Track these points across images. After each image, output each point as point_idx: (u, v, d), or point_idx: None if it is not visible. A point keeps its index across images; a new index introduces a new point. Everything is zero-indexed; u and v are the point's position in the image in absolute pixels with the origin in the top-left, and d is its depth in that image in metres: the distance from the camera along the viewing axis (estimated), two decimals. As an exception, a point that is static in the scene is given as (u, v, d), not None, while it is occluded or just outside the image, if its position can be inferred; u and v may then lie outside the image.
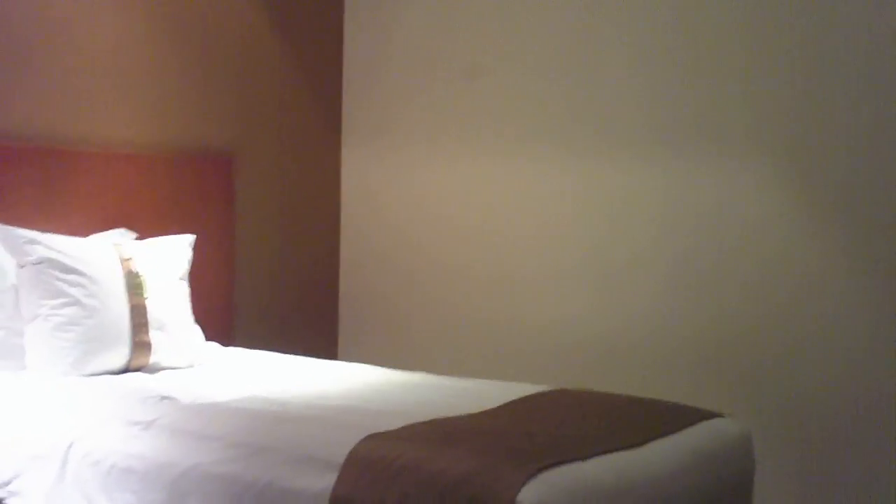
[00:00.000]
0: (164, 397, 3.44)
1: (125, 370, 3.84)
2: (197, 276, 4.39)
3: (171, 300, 4.07)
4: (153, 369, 3.92)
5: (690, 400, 3.79)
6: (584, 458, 2.83)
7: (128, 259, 3.95)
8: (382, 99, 5.42)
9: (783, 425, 4.44)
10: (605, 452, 2.91)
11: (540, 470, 2.67)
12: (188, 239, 4.36)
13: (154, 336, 3.91)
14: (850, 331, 4.32)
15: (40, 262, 3.75)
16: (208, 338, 4.33)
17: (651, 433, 3.15)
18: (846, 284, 4.32)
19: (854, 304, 4.31)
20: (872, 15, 4.23)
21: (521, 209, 5.03)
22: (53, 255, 3.78)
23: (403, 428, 3.00)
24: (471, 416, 3.21)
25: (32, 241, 3.78)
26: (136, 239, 4.26)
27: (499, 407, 3.37)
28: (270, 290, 5.21)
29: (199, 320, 4.26)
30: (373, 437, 2.88)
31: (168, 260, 4.17)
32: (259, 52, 5.12)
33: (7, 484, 3.25)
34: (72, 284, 3.77)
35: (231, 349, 4.43)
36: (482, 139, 5.13)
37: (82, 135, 4.36)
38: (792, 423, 4.44)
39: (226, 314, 4.89)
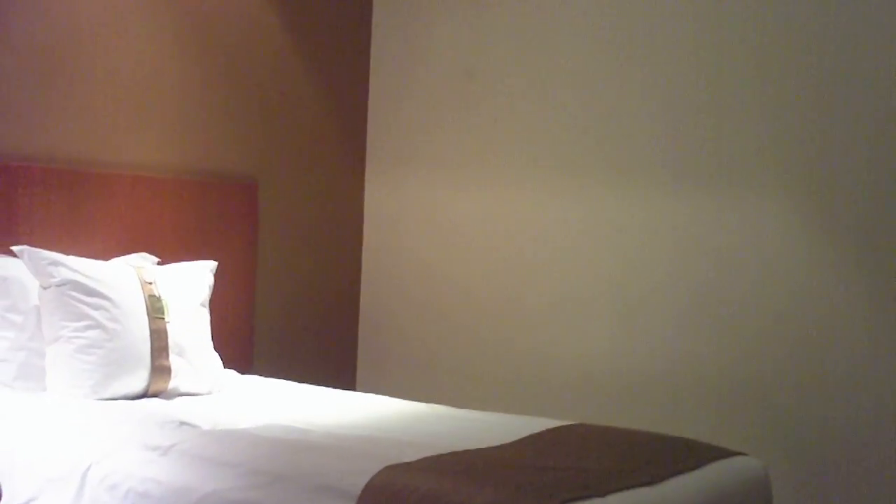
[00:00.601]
0: (182, 423, 3.44)
1: (144, 394, 3.84)
2: (217, 303, 4.39)
3: (192, 326, 4.08)
4: (171, 395, 3.92)
5: (709, 437, 3.78)
6: (602, 493, 2.82)
7: (150, 283, 3.96)
8: (407, 128, 5.44)
9: (802, 464, 4.42)
10: (623, 489, 2.90)
11: (558, 505, 2.67)
12: (210, 265, 4.37)
13: (174, 361, 3.92)
14: (874, 368, 4.29)
15: (63, 283, 3.77)
16: (226, 365, 4.33)
17: (670, 470, 3.13)
18: (869, 321, 4.30)
19: (877, 341, 4.29)
20: (898, 56, 4.25)
21: (543, 242, 5.03)
22: (76, 277, 3.79)
23: (422, 460, 2.99)
24: (490, 449, 3.20)
25: (56, 263, 3.79)
26: (158, 264, 4.27)
27: (518, 440, 3.36)
28: (290, 319, 5.21)
29: (217, 347, 4.26)
30: (391, 469, 2.87)
31: (190, 285, 4.18)
32: (285, 79, 5.14)
33: (24, 506, 3.26)
34: (94, 307, 3.78)
35: (249, 377, 4.43)
36: (506, 170, 5.14)
37: (107, 158, 4.38)
38: (811, 463, 4.41)
39: (245, 341, 4.89)
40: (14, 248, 3.83)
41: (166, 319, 3.94)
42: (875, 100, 4.29)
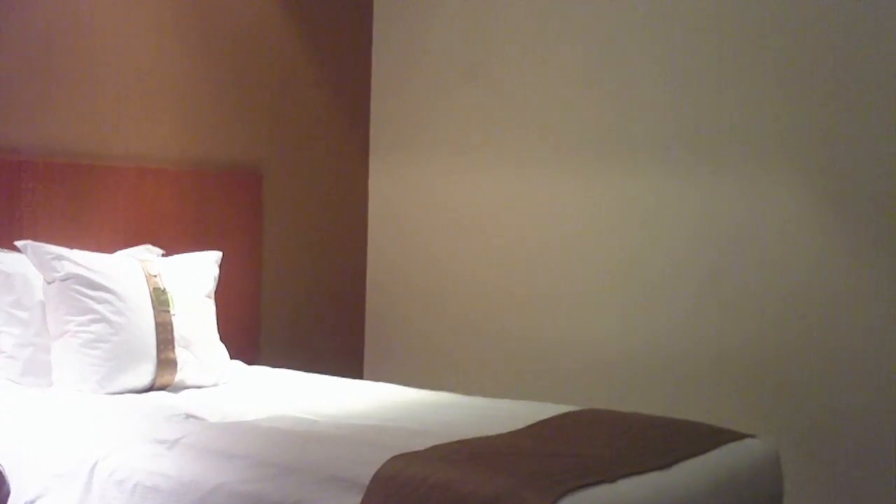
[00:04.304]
0: (189, 415, 3.43)
1: (150, 388, 3.83)
2: (223, 294, 4.38)
3: (198, 318, 4.06)
4: (178, 387, 3.91)
5: (719, 420, 3.76)
6: (612, 479, 2.81)
7: (154, 275, 3.95)
8: (410, 115, 5.42)
9: (813, 446, 4.40)
10: (633, 473, 2.89)
11: (567, 491, 2.65)
12: (215, 256, 4.36)
13: (180, 354, 3.91)
14: (884, 350, 4.27)
15: (67, 278, 3.75)
16: (233, 356, 4.32)
17: (680, 454, 3.13)
18: (880, 302, 4.28)
19: (888, 322, 4.27)
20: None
21: (550, 226, 5.01)
22: (81, 271, 3.78)
23: (430, 448, 2.98)
24: (498, 437, 3.19)
25: (60, 258, 3.78)
26: (163, 255, 4.26)
27: (527, 427, 3.35)
28: (296, 309, 5.20)
29: (224, 338, 4.25)
30: (399, 458, 2.86)
31: (195, 277, 4.17)
32: (288, 69, 5.12)
33: (32, 502, 3.24)
34: (99, 301, 3.76)
35: (256, 368, 4.42)
36: (511, 155, 5.12)
37: (110, 150, 4.37)
38: (822, 444, 4.40)
39: (251, 332, 4.89)
40: (17, 243, 3.82)
41: (172, 312, 3.93)
42: (889, 78, 4.25)
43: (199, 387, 3.97)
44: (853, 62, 4.31)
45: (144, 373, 3.81)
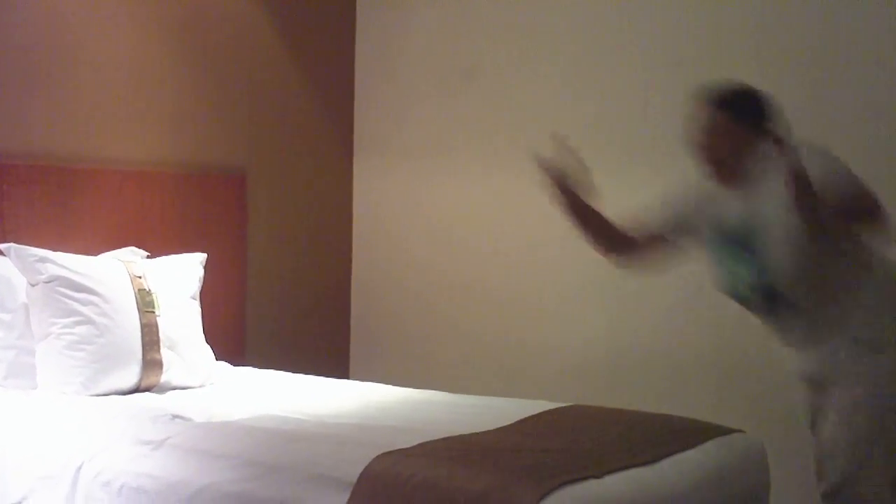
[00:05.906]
0: (175, 416, 3.42)
1: (136, 389, 3.82)
2: (208, 295, 4.37)
3: (183, 319, 4.06)
4: (164, 388, 3.90)
5: (705, 416, 3.76)
6: (599, 474, 2.81)
7: (139, 277, 3.94)
8: (394, 117, 5.41)
9: (798, 441, 4.40)
10: (620, 469, 2.89)
11: (555, 487, 2.66)
12: (200, 257, 4.35)
13: (165, 354, 3.90)
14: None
15: (51, 280, 3.74)
16: (219, 357, 4.31)
17: (666, 449, 3.13)
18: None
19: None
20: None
21: (533, 225, 5.00)
22: (65, 273, 3.76)
23: (417, 446, 2.98)
24: (485, 434, 3.19)
25: (44, 260, 3.77)
26: (148, 257, 4.25)
27: (513, 424, 3.35)
28: (281, 309, 5.19)
29: (209, 339, 4.24)
30: (386, 455, 2.86)
31: (179, 278, 4.16)
32: (271, 71, 5.11)
33: (18, 504, 3.24)
34: (83, 303, 3.75)
35: (241, 368, 4.41)
36: (496, 156, 5.11)
37: (94, 153, 4.36)
38: (807, 439, 4.40)
39: (236, 333, 4.87)
40: (0, 246, 3.80)
41: (157, 313, 3.92)
42: (879, 93, 4.26)
43: (184, 388, 3.96)
44: (834, 81, 4.32)
45: (130, 374, 3.79)
